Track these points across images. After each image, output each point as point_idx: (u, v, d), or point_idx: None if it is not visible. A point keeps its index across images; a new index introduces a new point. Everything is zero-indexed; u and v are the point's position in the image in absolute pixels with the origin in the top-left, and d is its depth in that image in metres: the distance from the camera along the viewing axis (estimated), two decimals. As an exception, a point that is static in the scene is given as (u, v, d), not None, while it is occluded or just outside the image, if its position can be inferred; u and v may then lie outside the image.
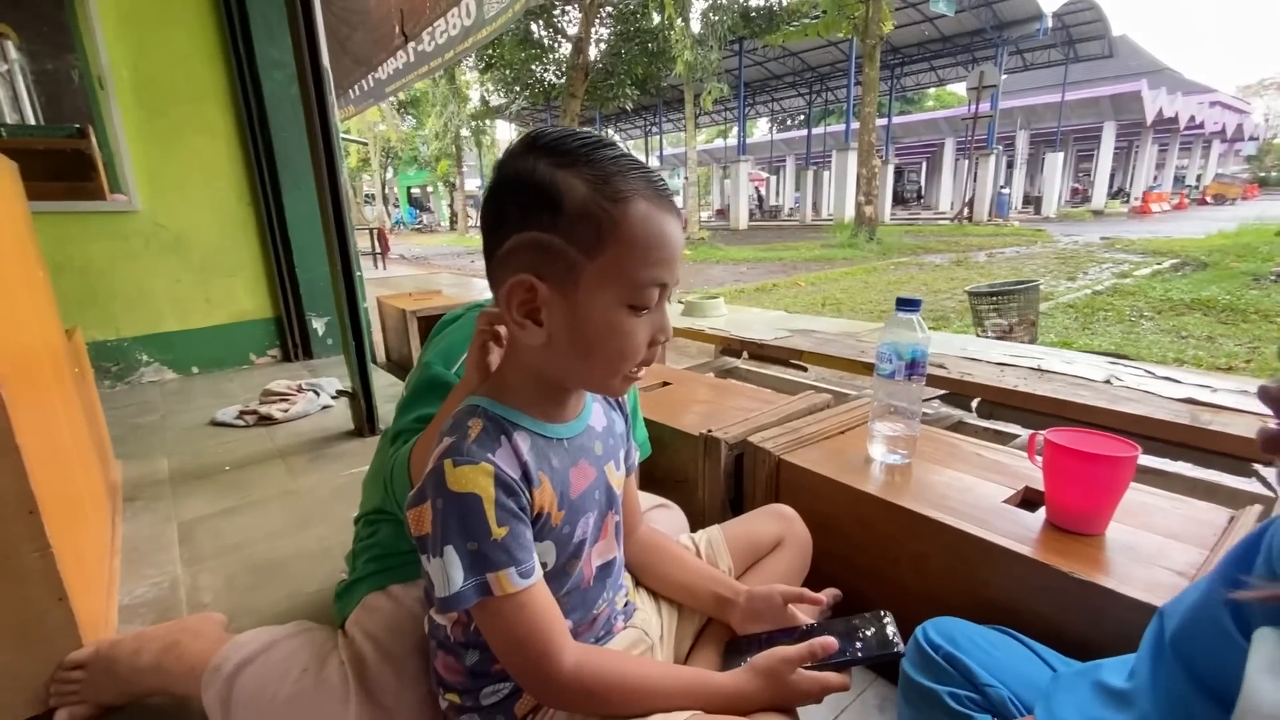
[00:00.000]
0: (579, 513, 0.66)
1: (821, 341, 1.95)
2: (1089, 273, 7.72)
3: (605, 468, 0.70)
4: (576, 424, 0.68)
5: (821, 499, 1.06)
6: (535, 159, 0.56)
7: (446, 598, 0.55)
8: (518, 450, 0.60)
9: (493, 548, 0.55)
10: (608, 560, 0.73)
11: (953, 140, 25.57)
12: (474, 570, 0.55)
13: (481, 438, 0.58)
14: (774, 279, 8.40)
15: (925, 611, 0.88)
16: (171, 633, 0.92)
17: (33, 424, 0.93)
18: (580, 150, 0.56)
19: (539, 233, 0.55)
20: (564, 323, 0.57)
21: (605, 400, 0.76)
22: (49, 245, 2.53)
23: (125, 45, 2.61)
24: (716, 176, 31.95)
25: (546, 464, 0.62)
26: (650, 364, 0.62)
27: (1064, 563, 0.81)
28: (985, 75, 14.59)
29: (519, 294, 0.57)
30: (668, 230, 0.57)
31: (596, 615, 0.72)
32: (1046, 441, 0.89)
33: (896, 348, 1.04)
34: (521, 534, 0.57)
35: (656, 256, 0.56)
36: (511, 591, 0.56)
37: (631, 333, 0.58)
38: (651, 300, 0.57)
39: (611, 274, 0.55)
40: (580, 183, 0.55)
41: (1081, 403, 1.31)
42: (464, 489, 0.55)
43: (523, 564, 0.57)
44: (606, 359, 0.59)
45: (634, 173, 0.56)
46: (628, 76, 15.88)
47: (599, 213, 0.54)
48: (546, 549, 0.63)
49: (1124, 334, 4.43)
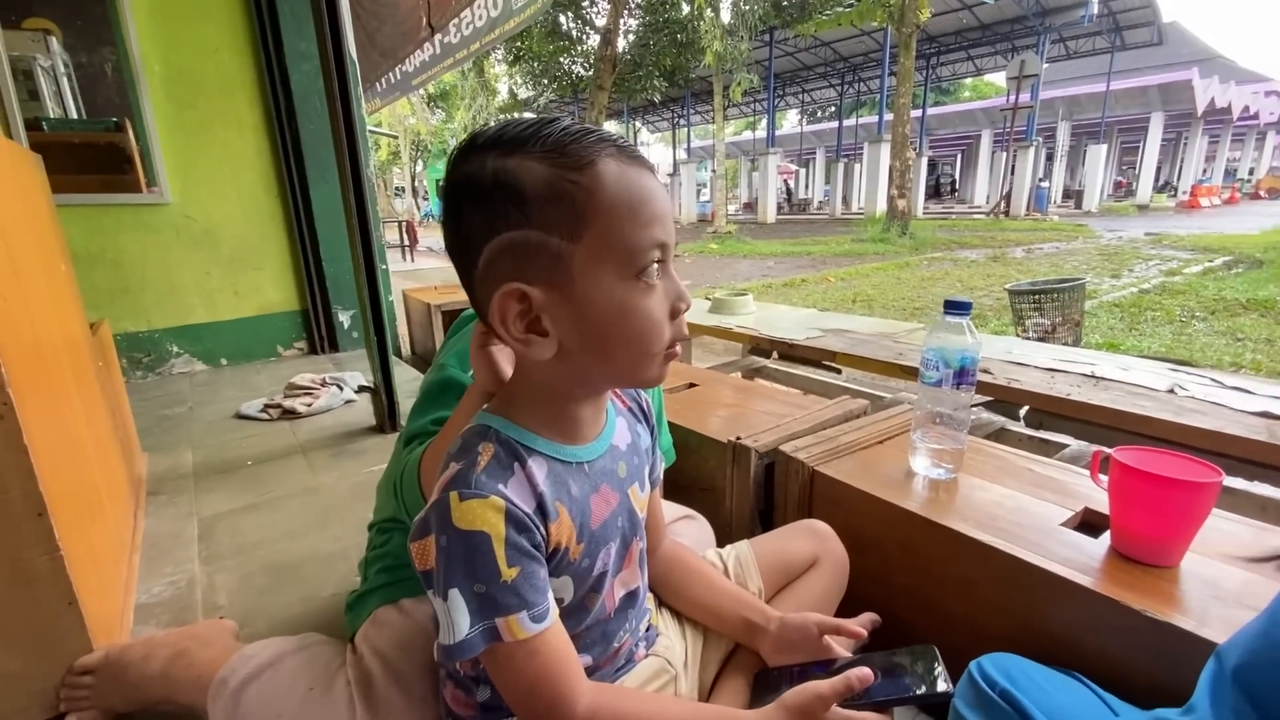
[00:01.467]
0: (600, 544, 0.60)
1: (856, 342, 1.87)
2: (1134, 270, 7.41)
3: (629, 490, 0.65)
4: (598, 444, 0.62)
5: (858, 515, 0.99)
6: (480, 158, 0.50)
7: (451, 646, 0.50)
8: (532, 479, 0.54)
9: (502, 591, 0.50)
10: (631, 590, 0.67)
11: (989, 132, 24.87)
12: (482, 615, 0.50)
13: (492, 466, 0.53)
14: (802, 274, 8.25)
15: (972, 643, 0.81)
16: (181, 640, 0.90)
17: (46, 422, 0.91)
18: (525, 133, 0.50)
19: (510, 233, 0.50)
20: (571, 323, 0.51)
21: (630, 413, 0.70)
22: (84, 237, 2.58)
23: (156, 38, 2.63)
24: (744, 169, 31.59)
25: (565, 492, 0.57)
26: (684, 338, 0.56)
27: (1134, 598, 0.73)
28: (1026, 64, 14.11)
29: (511, 307, 0.51)
30: (648, 184, 0.52)
31: (618, 648, 0.67)
32: (1114, 461, 0.80)
33: (944, 354, 0.97)
34: (535, 574, 0.52)
35: (646, 214, 0.51)
36: (523, 637, 0.51)
37: (648, 307, 0.52)
38: (654, 260, 0.52)
39: (604, 249, 0.50)
40: (536, 164, 0.49)
41: (1143, 414, 1.22)
42: (471, 526, 0.49)
43: (535, 607, 0.51)
44: (631, 346, 0.52)
45: (589, 136, 0.50)
46: (656, 68, 15.75)
47: (568, 187, 0.49)
48: (563, 584, 0.58)
49: (1174, 336, 4.22)
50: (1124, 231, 12.27)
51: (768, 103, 19.88)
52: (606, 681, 0.67)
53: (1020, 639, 0.81)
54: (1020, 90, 14.33)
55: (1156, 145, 22.11)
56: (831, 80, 25.39)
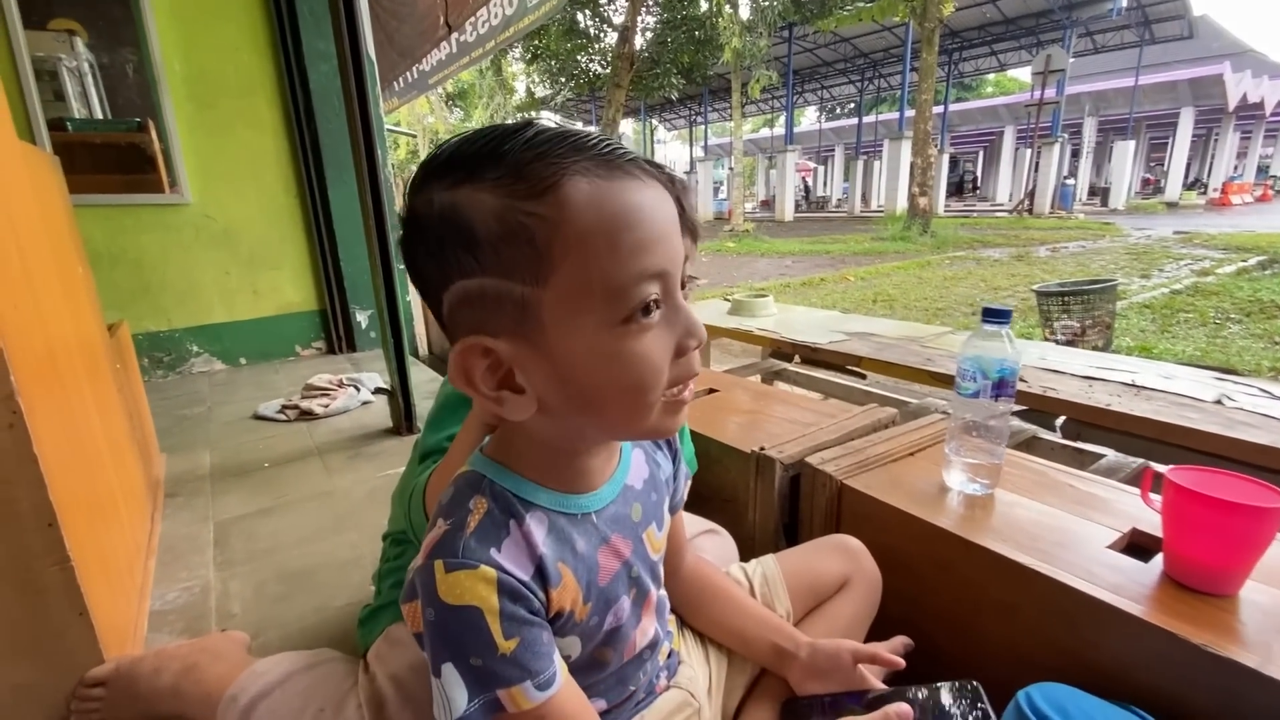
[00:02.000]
0: (610, 601, 0.54)
1: (881, 346, 1.82)
2: (1165, 270, 7.22)
3: (644, 535, 0.58)
4: (608, 490, 0.55)
5: (889, 532, 0.95)
6: (429, 190, 0.42)
7: None
8: (530, 540, 0.48)
9: (501, 663, 0.44)
10: (649, 640, 0.62)
11: (1013, 128, 24.45)
12: (480, 688, 0.44)
13: (484, 526, 0.46)
14: (821, 273, 8.15)
15: (1014, 671, 0.77)
16: (192, 653, 0.89)
17: (57, 429, 0.90)
18: (480, 151, 0.41)
19: (464, 281, 0.42)
20: (548, 379, 0.44)
21: (650, 442, 0.64)
22: (106, 237, 2.60)
23: (177, 38, 2.64)
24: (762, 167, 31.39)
25: (569, 551, 0.50)
26: (692, 376, 0.47)
27: (1191, 630, 0.68)
28: (1053, 59, 13.82)
29: (476, 364, 0.44)
30: (633, 200, 0.41)
31: (635, 689, 0.63)
32: (1168, 482, 0.75)
33: (981, 364, 0.92)
34: (536, 640, 0.46)
35: (630, 241, 0.41)
36: (528, 708, 0.45)
37: (642, 354, 0.43)
38: (648, 299, 0.42)
39: (577, 293, 0.41)
40: (487, 194, 0.40)
41: (1189, 426, 1.16)
42: (460, 600, 0.43)
43: (540, 674, 0.46)
44: (624, 399, 0.44)
45: (559, 147, 0.40)
46: (674, 65, 15.69)
47: (524, 221, 0.39)
48: (569, 644, 0.53)
49: (1209, 338, 4.09)
50: (1153, 230, 11.97)
51: (786, 100, 19.70)
52: (626, 716, 0.64)
53: (1065, 669, 0.76)
54: (1046, 85, 14.04)
55: (1186, 141, 21.55)
56: (851, 77, 25.11)
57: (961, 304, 5.64)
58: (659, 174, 0.45)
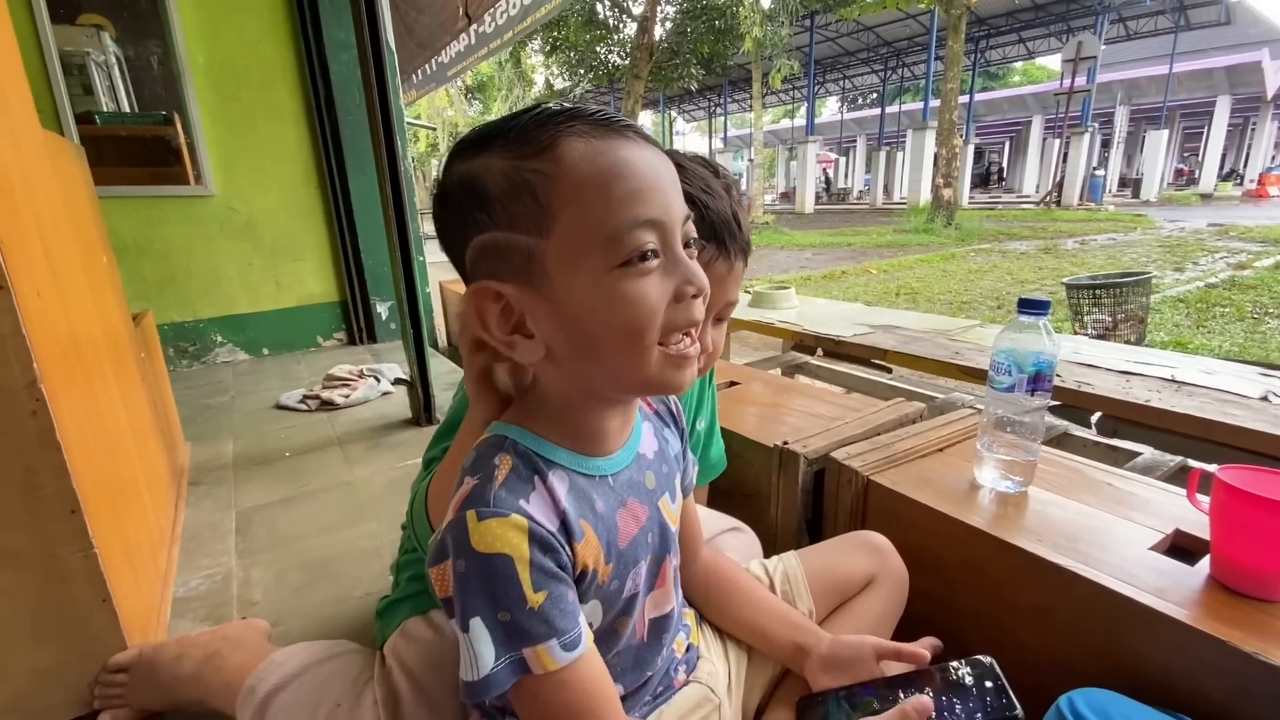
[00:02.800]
0: (629, 564, 0.55)
1: (908, 340, 1.77)
2: (1199, 263, 7.00)
3: (659, 503, 0.59)
4: (623, 454, 0.56)
5: (917, 530, 0.92)
6: (454, 165, 0.48)
7: (475, 683, 0.45)
8: (554, 495, 0.49)
9: (529, 617, 0.45)
10: (664, 613, 0.62)
11: (1040, 117, 23.89)
12: (508, 646, 0.45)
13: (510, 480, 0.48)
14: (842, 266, 8.04)
15: (1050, 677, 0.74)
16: (213, 641, 0.89)
17: (81, 416, 0.90)
18: (497, 128, 0.46)
19: (479, 237, 0.46)
20: (553, 323, 0.47)
21: (658, 417, 0.65)
22: (132, 228, 2.63)
23: (200, 31, 2.66)
24: (782, 158, 31.08)
25: (589, 509, 0.52)
26: (695, 325, 0.48)
27: (1240, 637, 0.65)
28: (1084, 45, 13.42)
29: (488, 307, 0.47)
30: (626, 156, 0.45)
31: (651, 675, 0.62)
32: (1218, 482, 0.71)
33: (1016, 357, 0.88)
34: (563, 597, 0.47)
35: (622, 191, 0.44)
36: (554, 669, 0.46)
37: (637, 297, 0.45)
38: (643, 246, 0.45)
39: (576, 240, 0.44)
40: (496, 159, 0.45)
41: (1234, 424, 1.11)
42: (491, 548, 0.44)
43: (566, 634, 0.46)
44: (619, 341, 0.46)
45: (559, 115, 0.45)
46: (693, 55, 15.55)
47: (528, 177, 0.44)
48: (592, 609, 0.53)
49: (1246, 334, 3.96)
50: (1186, 222, 11.63)
51: (807, 90, 19.46)
52: (644, 711, 0.62)
53: (1104, 676, 0.73)
54: (1076, 73, 13.66)
55: (1222, 131, 20.88)
56: (874, 66, 24.69)
57: (987, 298, 5.52)
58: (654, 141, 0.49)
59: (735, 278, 0.74)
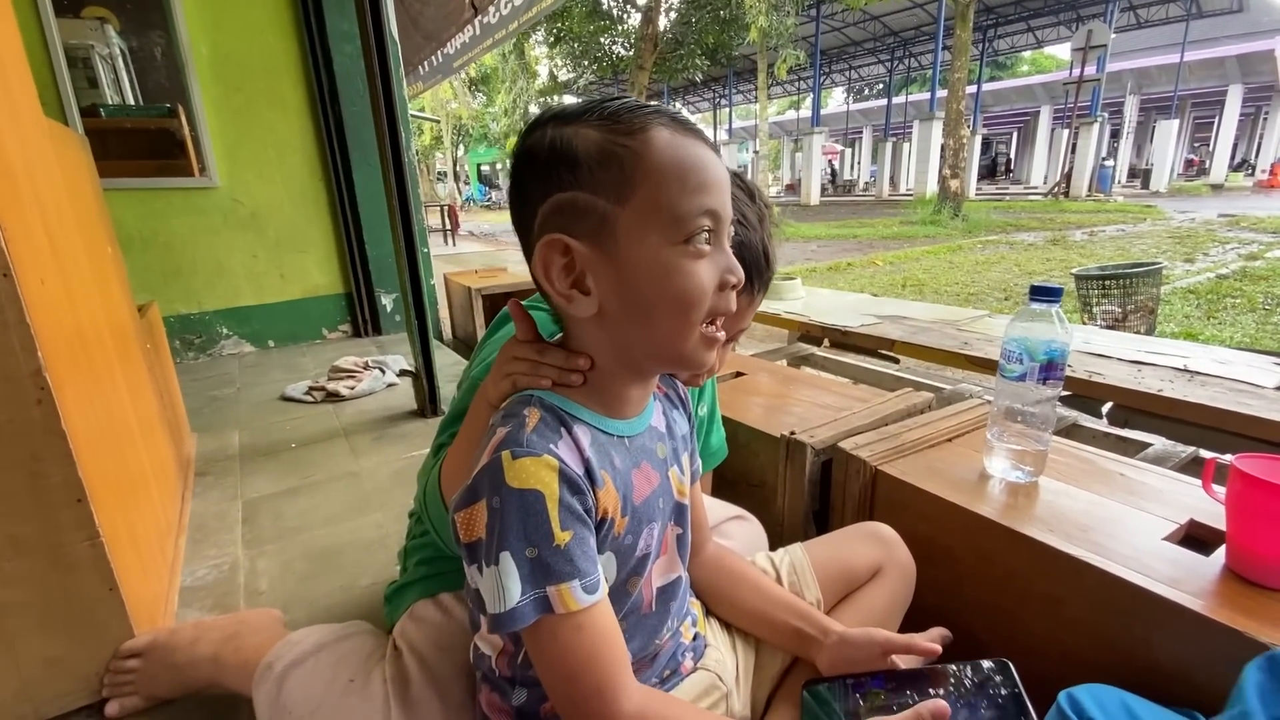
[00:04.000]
0: (643, 521, 0.58)
1: (915, 330, 1.76)
2: (1210, 254, 6.93)
3: (669, 472, 0.63)
4: (638, 421, 0.60)
5: (926, 520, 0.91)
6: (542, 130, 0.52)
7: (500, 614, 0.47)
8: (579, 444, 0.52)
9: (555, 555, 0.47)
10: (670, 580, 0.63)
11: (1049, 108, 23.64)
12: (534, 581, 0.47)
13: (540, 427, 0.51)
14: (848, 257, 8.00)
15: (1060, 669, 0.73)
16: (231, 624, 0.92)
17: (87, 406, 0.90)
18: (588, 106, 0.52)
19: (560, 193, 0.50)
20: (612, 284, 0.51)
21: (666, 399, 0.67)
22: (137, 220, 2.63)
23: (203, 21, 2.65)
24: (787, 149, 30.86)
25: (609, 462, 0.55)
26: (728, 313, 0.54)
27: (1257, 627, 0.64)
28: (1094, 34, 13.25)
29: (555, 258, 0.51)
30: (700, 154, 0.51)
31: (659, 647, 0.63)
32: (1235, 471, 0.70)
33: (1028, 345, 0.87)
34: (586, 540, 0.50)
35: (696, 181, 0.50)
36: (575, 609, 0.48)
37: (692, 272, 0.50)
38: (703, 231, 0.50)
39: (650, 213, 0.49)
40: (591, 130, 0.50)
41: (1249, 414, 1.09)
42: (525, 484, 0.47)
43: (587, 576, 0.49)
44: (671, 311, 0.51)
45: (646, 108, 0.51)
46: (698, 46, 15.45)
47: (618, 151, 0.49)
48: (607, 561, 0.55)
49: (1259, 325, 3.92)
50: (1196, 213, 11.51)
51: (813, 80, 19.30)
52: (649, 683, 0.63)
53: (1117, 668, 0.73)
54: (1085, 62, 13.49)
55: (1234, 120, 20.66)
56: (880, 56, 24.48)
57: (994, 289, 5.48)
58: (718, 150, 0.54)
59: (753, 308, 0.79)
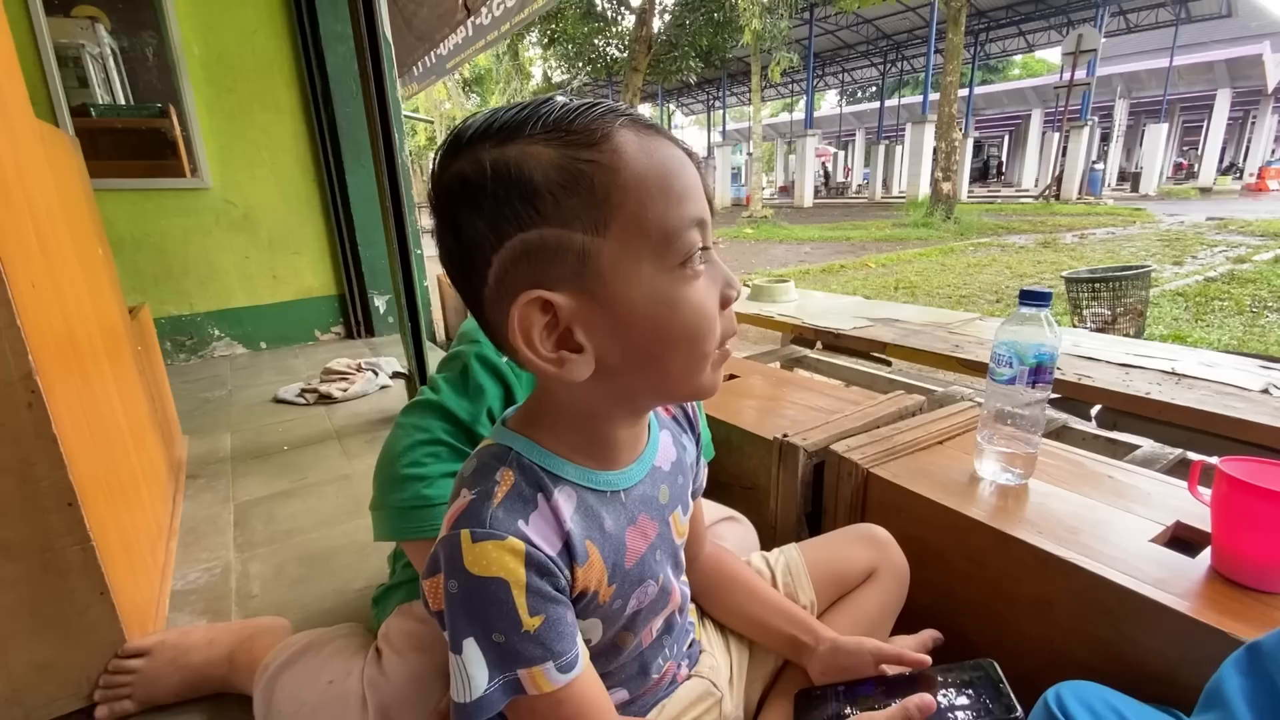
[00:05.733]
0: (634, 584, 0.53)
1: (907, 333, 1.77)
2: (1199, 257, 7.00)
3: (670, 518, 0.57)
4: (637, 468, 0.53)
5: (917, 522, 0.92)
6: (473, 152, 0.41)
7: (467, 705, 0.43)
8: (558, 515, 0.47)
9: (524, 641, 0.43)
10: (666, 617, 0.61)
11: (1040, 111, 23.82)
12: (501, 667, 0.43)
13: (510, 499, 0.45)
14: (841, 260, 8.03)
15: (1049, 669, 0.74)
16: (246, 628, 0.95)
17: (78, 409, 0.90)
18: (521, 116, 0.41)
19: (523, 234, 0.41)
20: (608, 333, 0.43)
21: (675, 423, 0.63)
22: (128, 221, 2.62)
23: (196, 21, 2.64)
24: (780, 152, 30.96)
25: (597, 529, 0.49)
26: (734, 333, 0.48)
27: (1242, 628, 0.65)
28: (1084, 38, 13.36)
29: (535, 320, 0.42)
30: (672, 154, 0.43)
31: (659, 678, 0.61)
32: (1220, 474, 0.71)
33: (1017, 349, 0.88)
34: (560, 620, 0.45)
35: (679, 187, 0.42)
36: (549, 690, 0.44)
37: (699, 299, 0.44)
38: (696, 245, 0.43)
39: (636, 238, 0.41)
40: (541, 147, 0.40)
41: (1235, 416, 1.11)
42: (486, 572, 0.42)
43: (562, 656, 0.45)
44: (682, 348, 0.44)
45: (596, 108, 0.42)
46: (692, 48, 15.47)
47: (584, 168, 0.40)
48: (591, 626, 0.52)
49: (1246, 327, 3.96)
50: (1185, 216, 11.63)
51: (806, 83, 19.38)
52: (648, 707, 0.62)
53: (1104, 668, 0.74)
54: (1076, 67, 13.61)
55: (1222, 124, 20.86)
56: (873, 59, 24.61)
57: (986, 291, 5.52)
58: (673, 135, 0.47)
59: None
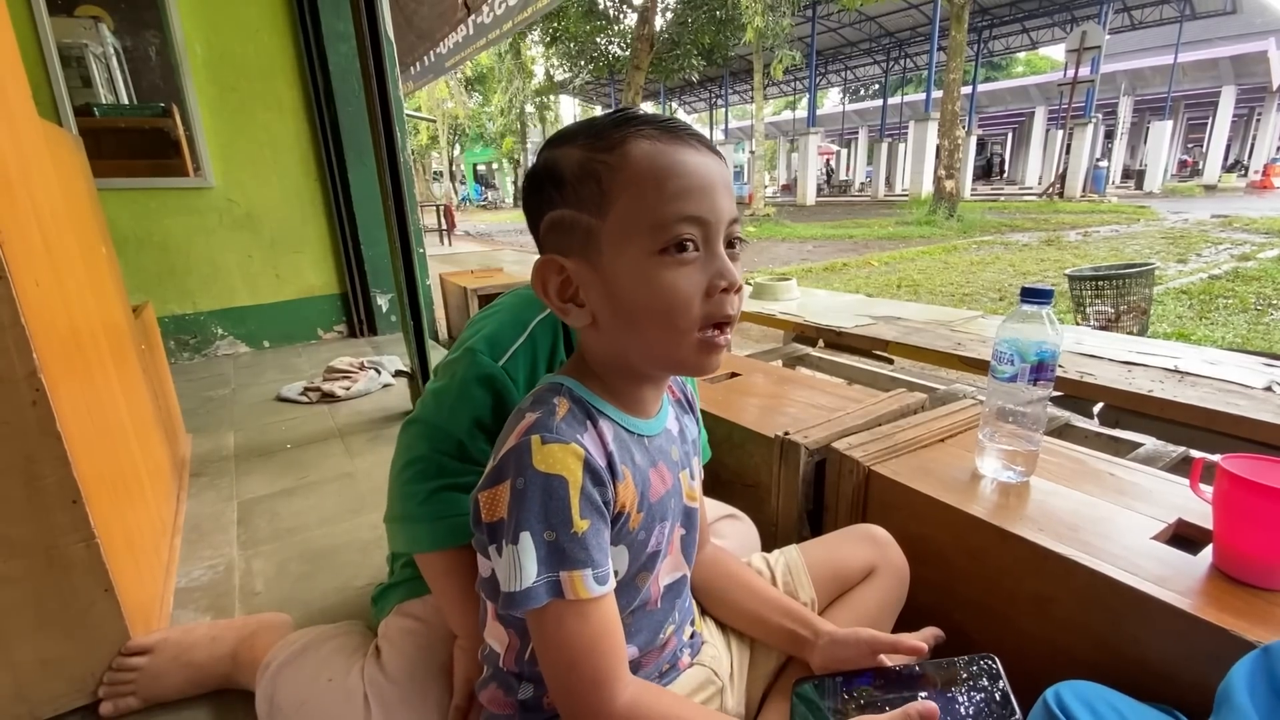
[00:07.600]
0: (656, 519, 0.59)
1: (909, 330, 1.77)
2: (1203, 254, 6.98)
3: (681, 475, 0.64)
4: (655, 422, 0.62)
5: (919, 520, 0.92)
6: (545, 152, 0.55)
7: (515, 593, 0.48)
8: (603, 437, 0.54)
9: (572, 541, 0.49)
10: (676, 579, 0.65)
11: (1043, 109, 23.75)
12: (549, 565, 0.49)
13: (569, 417, 0.53)
14: (843, 258, 8.02)
15: (1050, 667, 0.74)
16: (248, 625, 0.96)
17: (82, 407, 0.90)
18: (583, 124, 0.54)
19: (551, 213, 0.54)
20: (601, 296, 0.53)
21: (678, 405, 0.68)
22: (132, 221, 2.63)
23: (199, 20, 2.65)
24: (783, 150, 30.95)
25: (629, 458, 0.57)
26: (729, 321, 0.54)
27: (1244, 626, 0.65)
28: (1088, 35, 13.30)
29: (551, 277, 0.54)
30: (682, 159, 0.51)
31: (664, 642, 0.64)
32: (1222, 471, 0.71)
33: (1019, 347, 0.88)
34: (601, 532, 0.52)
35: (674, 188, 0.50)
36: (585, 597, 0.49)
37: (672, 283, 0.51)
38: (683, 237, 0.50)
39: (628, 224, 0.51)
40: (575, 149, 0.53)
41: (1237, 414, 1.10)
42: (551, 469, 0.49)
43: (599, 567, 0.51)
44: (656, 322, 0.52)
45: (635, 119, 0.52)
46: (694, 46, 15.45)
47: (596, 167, 0.51)
48: (619, 554, 0.57)
49: (1250, 325, 3.95)
50: (1190, 213, 11.58)
51: (809, 81, 19.35)
52: (650, 677, 0.64)
53: (1105, 666, 0.74)
54: (1080, 64, 13.55)
55: (1227, 122, 20.76)
56: (876, 57, 24.54)
57: (989, 289, 5.51)
58: (715, 150, 0.55)
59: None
